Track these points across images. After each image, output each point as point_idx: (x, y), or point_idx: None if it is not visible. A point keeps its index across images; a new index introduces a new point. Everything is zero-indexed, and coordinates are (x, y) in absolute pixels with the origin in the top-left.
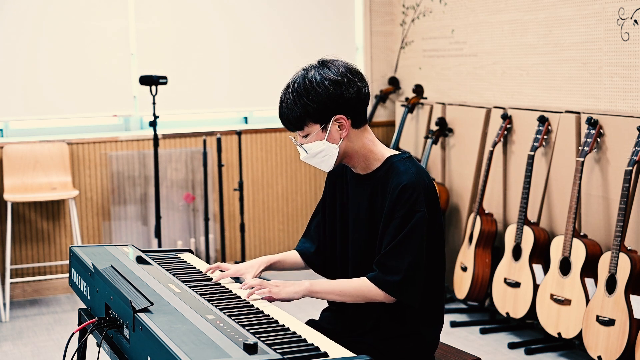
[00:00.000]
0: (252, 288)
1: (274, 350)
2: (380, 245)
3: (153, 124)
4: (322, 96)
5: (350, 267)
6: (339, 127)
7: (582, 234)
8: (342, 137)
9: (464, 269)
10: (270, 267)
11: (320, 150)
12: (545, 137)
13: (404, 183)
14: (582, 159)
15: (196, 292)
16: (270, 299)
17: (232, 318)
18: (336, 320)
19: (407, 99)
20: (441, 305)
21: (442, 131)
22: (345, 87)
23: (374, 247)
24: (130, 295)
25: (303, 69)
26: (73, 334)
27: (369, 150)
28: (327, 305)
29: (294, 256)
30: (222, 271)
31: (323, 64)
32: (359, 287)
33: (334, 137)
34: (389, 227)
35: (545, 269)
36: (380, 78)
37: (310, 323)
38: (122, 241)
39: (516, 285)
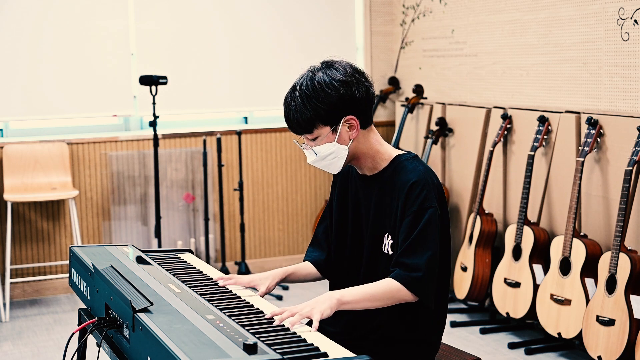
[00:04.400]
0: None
1: (274, 350)
2: (396, 244)
3: (153, 124)
4: (332, 97)
5: (362, 269)
6: (348, 128)
7: (582, 234)
8: (351, 137)
9: (464, 269)
10: (285, 280)
11: (330, 152)
12: (545, 137)
13: (413, 180)
14: (582, 159)
15: (196, 292)
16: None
17: (232, 318)
18: (337, 321)
19: (407, 99)
20: (445, 307)
21: (442, 131)
22: (355, 87)
23: (383, 247)
24: (130, 295)
25: (309, 71)
26: (73, 334)
27: (376, 150)
28: None
29: (307, 267)
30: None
31: (328, 64)
32: (388, 289)
33: (343, 138)
34: (402, 225)
35: (545, 269)
36: (380, 78)
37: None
38: (122, 241)
39: (516, 285)
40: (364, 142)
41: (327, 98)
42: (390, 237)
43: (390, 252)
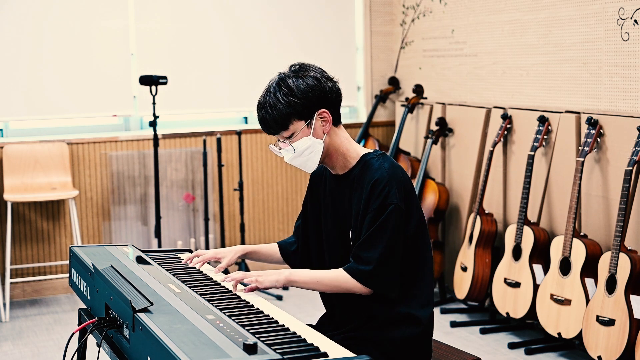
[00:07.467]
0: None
1: (274, 350)
2: (358, 240)
3: (153, 124)
4: (306, 92)
5: (335, 263)
6: (322, 121)
7: (582, 234)
8: (325, 132)
9: (464, 269)
10: (246, 256)
11: (307, 147)
12: (545, 137)
13: (375, 178)
14: (582, 159)
15: (196, 292)
16: (252, 289)
17: (232, 318)
18: (330, 324)
19: (407, 99)
20: (431, 289)
21: (442, 131)
22: (325, 83)
23: (351, 244)
24: (130, 295)
25: (279, 73)
26: (73, 334)
27: (346, 148)
28: (325, 311)
29: (271, 248)
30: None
31: (297, 67)
32: (336, 277)
33: (318, 132)
34: (364, 222)
35: (545, 269)
36: (380, 78)
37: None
38: (122, 241)
39: (516, 285)
40: (335, 138)
41: (301, 93)
42: (354, 233)
43: None
